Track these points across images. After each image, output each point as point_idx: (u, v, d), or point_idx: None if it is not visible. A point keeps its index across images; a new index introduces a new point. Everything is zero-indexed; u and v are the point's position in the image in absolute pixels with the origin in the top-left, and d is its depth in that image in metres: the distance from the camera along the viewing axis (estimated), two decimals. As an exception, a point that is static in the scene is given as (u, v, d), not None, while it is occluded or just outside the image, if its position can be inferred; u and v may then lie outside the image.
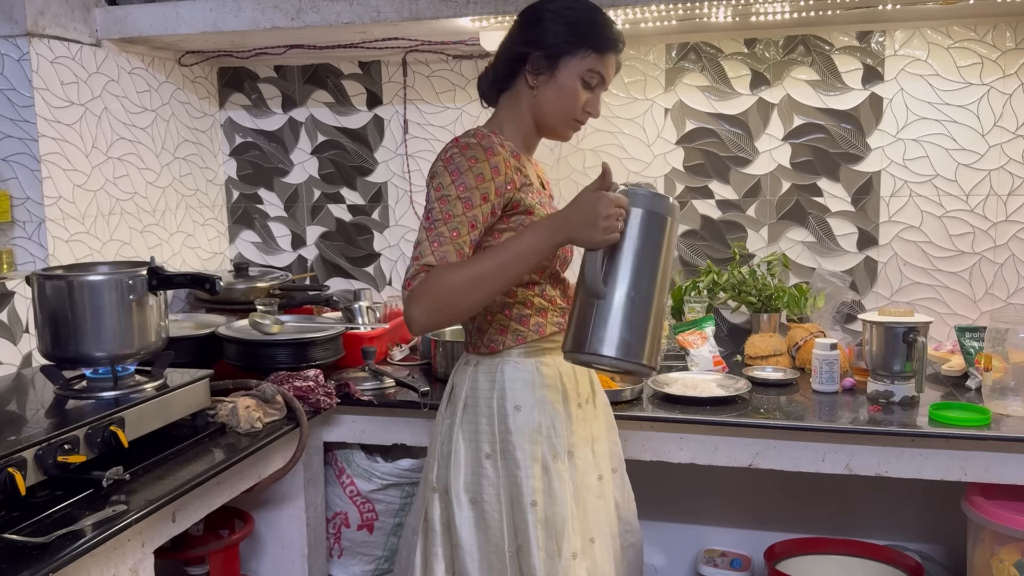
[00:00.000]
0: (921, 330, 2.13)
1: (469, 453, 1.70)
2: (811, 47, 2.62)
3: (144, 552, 1.64)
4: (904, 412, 2.09)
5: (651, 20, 2.41)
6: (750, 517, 2.78)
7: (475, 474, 1.69)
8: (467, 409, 1.72)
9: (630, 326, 1.50)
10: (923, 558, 2.57)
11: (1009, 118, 2.52)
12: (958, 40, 2.52)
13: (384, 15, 2.38)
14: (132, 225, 2.69)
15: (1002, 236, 2.56)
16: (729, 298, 2.62)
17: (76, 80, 2.45)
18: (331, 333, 2.40)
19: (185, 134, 2.94)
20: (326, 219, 3.09)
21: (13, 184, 2.34)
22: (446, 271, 1.52)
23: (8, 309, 2.23)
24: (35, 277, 1.87)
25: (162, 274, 1.90)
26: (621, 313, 1.50)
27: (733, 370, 2.45)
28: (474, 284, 1.52)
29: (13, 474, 1.46)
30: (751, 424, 2.06)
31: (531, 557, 1.64)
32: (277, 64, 3.04)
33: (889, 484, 2.55)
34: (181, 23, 2.50)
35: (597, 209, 1.48)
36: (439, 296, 1.52)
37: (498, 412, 1.69)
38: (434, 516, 1.74)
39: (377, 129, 3.01)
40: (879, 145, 2.61)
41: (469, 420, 1.71)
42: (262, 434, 1.99)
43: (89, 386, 1.88)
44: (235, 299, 2.70)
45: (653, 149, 2.77)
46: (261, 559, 2.39)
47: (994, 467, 1.98)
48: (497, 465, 1.68)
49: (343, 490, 2.47)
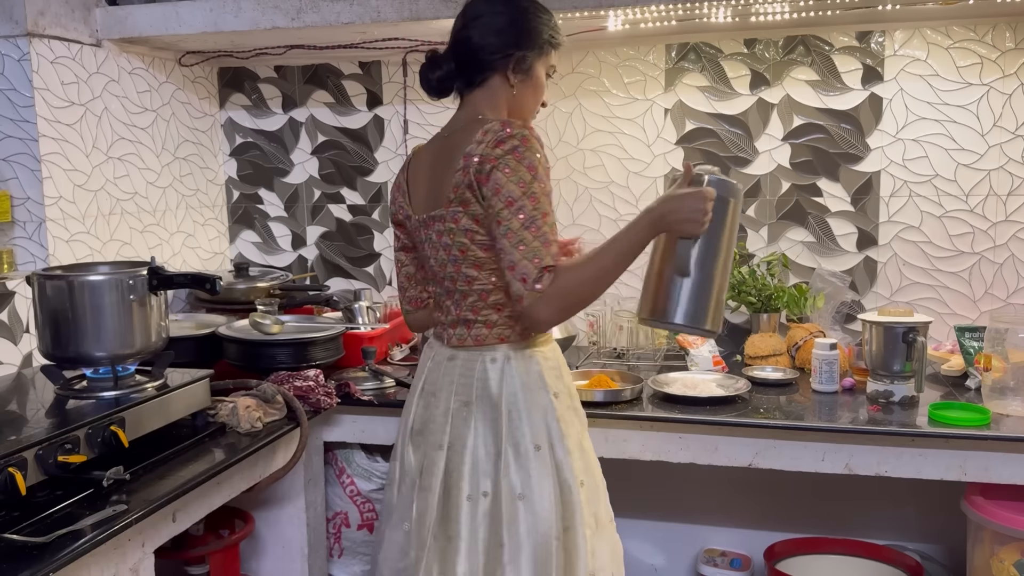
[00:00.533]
0: (921, 330, 2.14)
1: (511, 448, 1.66)
2: (811, 47, 2.62)
3: (144, 552, 1.64)
4: (904, 412, 2.09)
5: (651, 20, 2.42)
6: (750, 517, 2.78)
7: (522, 468, 1.65)
8: (508, 404, 1.67)
9: (703, 298, 1.70)
10: (923, 558, 2.57)
11: (1009, 118, 2.52)
12: (958, 40, 2.52)
13: (384, 15, 2.38)
14: (132, 225, 2.69)
15: (1002, 236, 2.56)
16: (729, 298, 2.62)
17: (76, 80, 2.45)
18: (331, 333, 2.40)
19: (185, 134, 2.94)
20: (326, 219, 3.10)
21: (13, 184, 2.34)
22: (572, 270, 1.57)
23: (8, 309, 2.23)
24: (35, 277, 1.87)
25: (162, 274, 1.91)
26: (698, 287, 1.69)
27: (733, 370, 2.45)
28: (598, 280, 1.59)
29: (13, 474, 1.47)
30: (751, 424, 2.06)
31: (577, 535, 1.66)
32: (277, 64, 3.05)
33: (889, 484, 2.56)
34: (181, 23, 2.50)
35: (697, 205, 1.61)
36: (571, 294, 1.57)
37: (540, 403, 1.68)
38: (476, 521, 1.65)
39: (377, 129, 3.01)
40: (879, 145, 2.61)
41: (514, 415, 1.67)
42: (262, 434, 1.99)
43: (89, 386, 1.88)
44: (235, 299, 2.70)
45: (653, 149, 2.77)
46: (261, 559, 2.39)
47: (994, 467, 1.98)
48: (545, 455, 1.65)
49: (343, 490, 2.47)
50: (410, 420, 1.79)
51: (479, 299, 1.69)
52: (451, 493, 1.67)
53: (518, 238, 1.56)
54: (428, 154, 1.78)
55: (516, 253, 1.56)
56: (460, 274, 1.69)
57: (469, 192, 1.61)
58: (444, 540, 1.67)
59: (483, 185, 1.59)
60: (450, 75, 1.74)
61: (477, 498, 1.65)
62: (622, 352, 2.66)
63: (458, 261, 1.68)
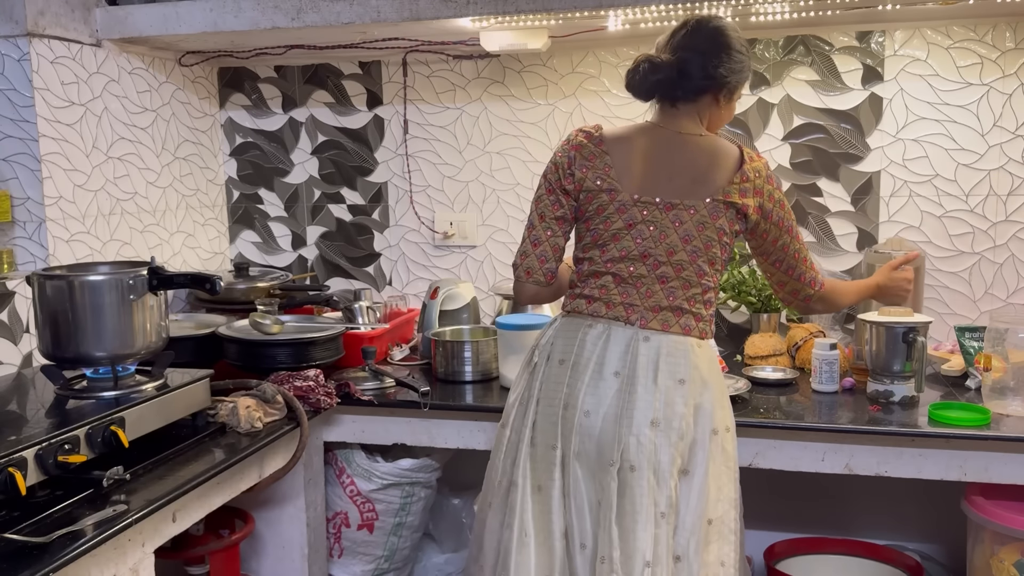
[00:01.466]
0: (921, 330, 2.14)
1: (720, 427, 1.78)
2: (811, 47, 2.62)
3: (144, 552, 1.64)
4: (904, 412, 2.09)
5: (651, 20, 2.42)
6: (750, 517, 2.76)
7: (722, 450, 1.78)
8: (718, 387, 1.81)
9: None
10: (923, 558, 2.57)
11: (1009, 118, 2.52)
12: (958, 40, 2.52)
13: (384, 15, 2.38)
14: (132, 225, 2.69)
15: (1002, 236, 2.56)
16: (729, 298, 2.62)
17: (76, 80, 2.45)
18: (331, 333, 2.40)
19: (185, 134, 2.94)
20: (326, 219, 3.10)
21: (13, 184, 2.34)
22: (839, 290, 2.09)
23: (8, 309, 2.23)
24: (35, 277, 1.87)
25: (162, 274, 1.91)
26: None
27: (733, 370, 2.45)
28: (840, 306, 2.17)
29: (13, 474, 1.46)
30: (751, 424, 2.06)
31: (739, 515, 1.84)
32: (277, 64, 3.05)
33: (889, 484, 2.56)
34: (181, 23, 2.50)
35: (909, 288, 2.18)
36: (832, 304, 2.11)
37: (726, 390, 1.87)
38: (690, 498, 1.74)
39: (377, 129, 3.01)
40: (879, 145, 2.61)
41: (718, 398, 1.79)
42: (262, 434, 1.99)
43: (89, 386, 1.88)
44: (235, 299, 2.70)
45: (653, 149, 2.77)
46: (261, 559, 2.39)
47: (994, 467, 1.98)
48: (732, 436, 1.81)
49: (343, 490, 2.47)
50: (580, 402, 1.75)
51: (701, 292, 1.81)
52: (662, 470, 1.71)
53: (801, 255, 1.94)
54: (643, 141, 1.85)
55: (802, 265, 1.96)
56: (693, 265, 1.79)
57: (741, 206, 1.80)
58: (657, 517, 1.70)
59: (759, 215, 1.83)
60: (670, 83, 1.82)
61: (692, 473, 1.73)
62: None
63: (697, 252, 1.79)
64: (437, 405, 2.25)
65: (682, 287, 1.79)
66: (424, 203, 2.99)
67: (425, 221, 3.00)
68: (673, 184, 1.81)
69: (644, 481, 1.69)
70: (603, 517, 1.71)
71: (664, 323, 1.78)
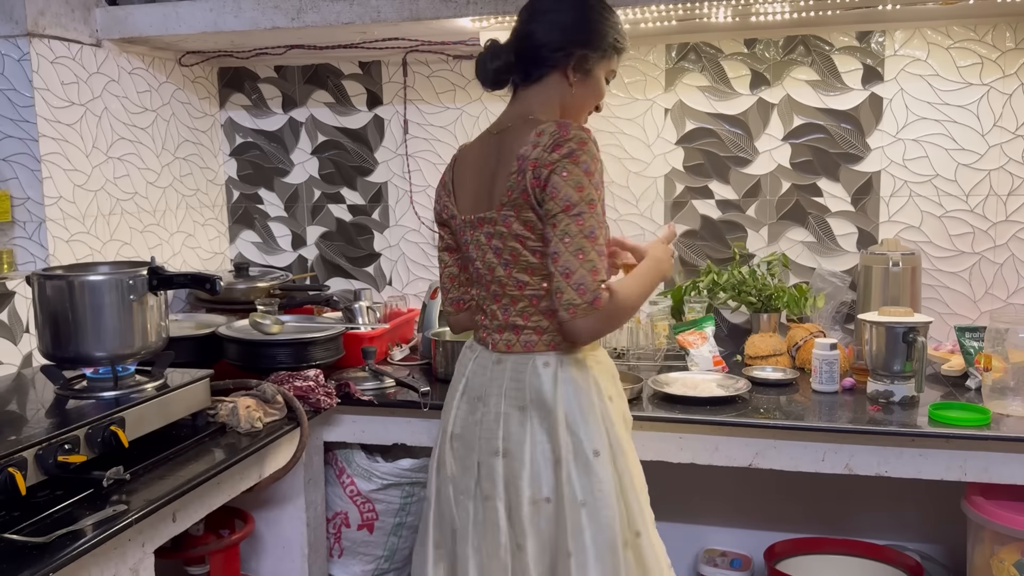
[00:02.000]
0: (921, 330, 2.14)
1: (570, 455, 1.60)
2: (811, 47, 2.62)
3: (144, 552, 1.64)
4: (904, 412, 2.09)
5: (651, 20, 2.42)
6: (750, 517, 2.79)
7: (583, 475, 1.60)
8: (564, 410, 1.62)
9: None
10: (923, 558, 2.57)
11: (1009, 118, 2.52)
12: (958, 40, 2.52)
13: (384, 15, 2.38)
14: (132, 225, 2.69)
15: (1002, 236, 2.56)
16: (729, 298, 2.62)
17: (76, 80, 2.45)
18: (331, 333, 2.40)
19: (185, 134, 2.94)
20: (326, 219, 3.09)
21: (13, 184, 2.34)
22: (623, 289, 1.58)
23: (8, 309, 2.23)
24: (35, 277, 1.87)
25: (162, 274, 1.91)
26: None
27: (733, 370, 2.45)
28: (638, 303, 1.64)
29: (13, 474, 1.46)
30: (751, 424, 2.06)
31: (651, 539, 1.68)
32: (277, 64, 3.05)
33: (889, 484, 2.56)
34: (181, 23, 2.50)
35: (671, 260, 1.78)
36: (623, 314, 1.61)
37: (596, 408, 1.63)
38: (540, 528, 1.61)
39: (377, 129, 3.01)
40: (879, 145, 2.61)
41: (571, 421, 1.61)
42: (262, 434, 1.99)
43: (89, 386, 1.88)
44: (235, 299, 2.71)
45: (653, 149, 2.77)
46: (261, 559, 2.39)
47: (994, 467, 1.98)
48: (604, 461, 1.61)
49: (343, 490, 2.47)
50: (450, 425, 1.74)
51: (530, 304, 1.66)
52: (512, 500, 1.63)
53: (577, 245, 1.52)
54: (475, 153, 1.75)
55: (574, 261, 1.52)
56: (511, 279, 1.66)
57: (523, 197, 1.58)
58: (514, 548, 1.63)
59: (539, 189, 1.55)
60: (508, 67, 1.70)
61: (540, 503, 1.61)
62: (622, 352, 2.66)
63: (509, 265, 1.65)
64: (437, 405, 2.24)
65: (511, 303, 1.67)
66: (424, 203, 2.99)
67: (425, 221, 3.00)
68: (478, 196, 1.70)
69: (496, 513, 1.63)
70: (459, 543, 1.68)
71: (507, 344, 1.68)
